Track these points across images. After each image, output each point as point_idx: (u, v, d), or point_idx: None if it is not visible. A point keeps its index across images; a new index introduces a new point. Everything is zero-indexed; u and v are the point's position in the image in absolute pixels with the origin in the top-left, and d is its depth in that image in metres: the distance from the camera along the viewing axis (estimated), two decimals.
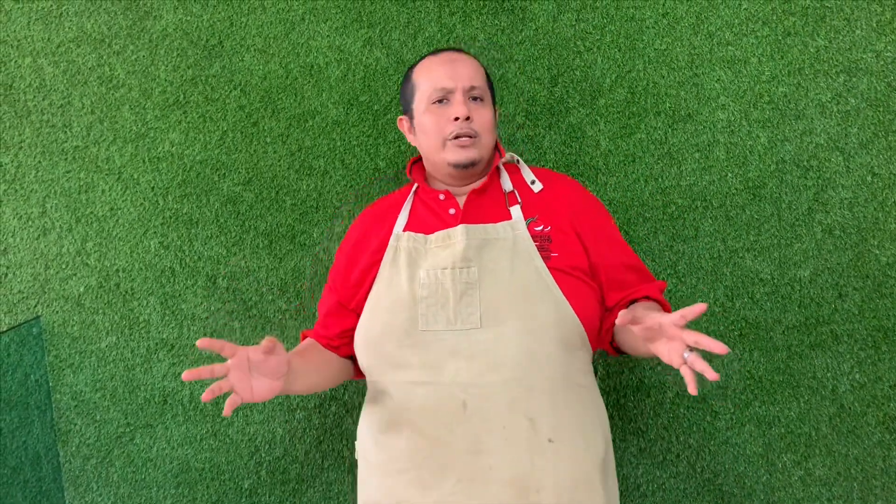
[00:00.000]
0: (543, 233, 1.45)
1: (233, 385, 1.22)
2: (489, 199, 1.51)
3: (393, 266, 1.49)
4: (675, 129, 1.83)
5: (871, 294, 1.83)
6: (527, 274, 1.41)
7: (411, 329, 1.42)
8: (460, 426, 1.38)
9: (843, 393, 1.86)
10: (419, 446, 1.40)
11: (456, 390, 1.38)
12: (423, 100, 1.50)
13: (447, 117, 1.47)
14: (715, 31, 1.80)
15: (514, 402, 1.37)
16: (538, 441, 1.37)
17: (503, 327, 1.39)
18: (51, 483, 2.04)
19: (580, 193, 1.56)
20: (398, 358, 1.43)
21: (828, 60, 1.78)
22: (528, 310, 1.39)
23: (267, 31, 1.88)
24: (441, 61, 1.51)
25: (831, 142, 1.80)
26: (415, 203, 1.56)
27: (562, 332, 1.40)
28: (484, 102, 1.50)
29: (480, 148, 1.48)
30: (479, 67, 1.53)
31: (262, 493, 2.04)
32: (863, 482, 1.89)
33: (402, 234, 1.50)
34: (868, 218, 1.81)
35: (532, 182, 1.53)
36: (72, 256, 1.98)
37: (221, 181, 1.93)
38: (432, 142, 1.50)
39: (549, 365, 1.40)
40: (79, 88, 1.92)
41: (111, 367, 2.01)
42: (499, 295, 1.40)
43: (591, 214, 1.52)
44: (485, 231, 1.45)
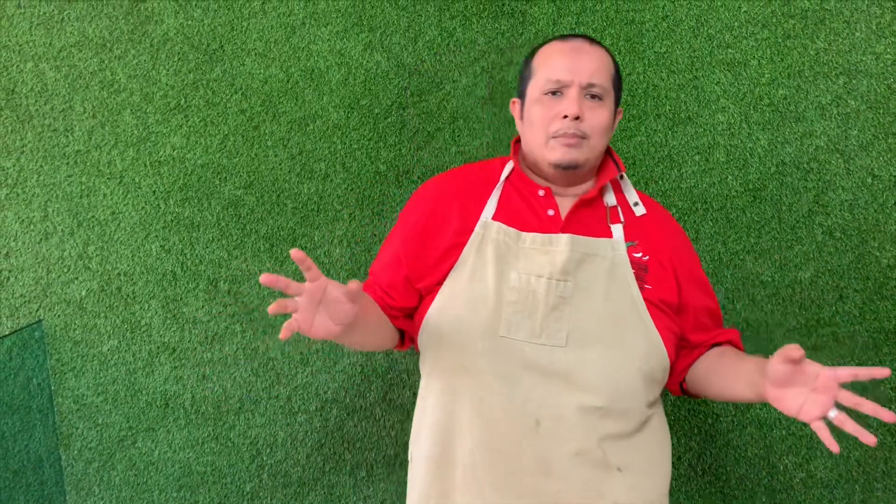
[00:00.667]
0: (642, 261, 1.37)
1: (298, 308, 1.11)
2: (592, 210, 1.41)
3: (478, 257, 1.37)
4: (675, 131, 1.84)
5: (871, 296, 1.84)
6: (621, 300, 1.34)
7: (490, 332, 1.33)
8: (530, 444, 1.31)
9: None
10: (482, 458, 1.33)
11: (529, 406, 1.31)
12: (537, 88, 1.38)
13: (556, 112, 1.35)
14: (715, 33, 1.80)
15: (589, 429, 1.30)
16: (608, 469, 1.31)
17: (588, 351, 1.31)
18: (53, 487, 2.05)
19: (681, 232, 1.49)
20: (470, 360, 1.34)
21: (827, 63, 1.79)
22: (618, 338, 1.32)
23: (268, 35, 1.88)
24: (564, 50, 1.38)
25: (831, 144, 1.80)
26: (506, 188, 1.44)
27: (649, 366, 1.34)
28: (602, 102, 1.37)
29: (587, 151, 1.37)
30: (606, 62, 1.39)
31: (263, 497, 2.04)
32: (864, 485, 1.89)
33: (492, 224, 1.39)
34: (868, 220, 1.82)
35: (635, 204, 1.44)
36: (73, 260, 1.98)
37: (223, 185, 1.94)
38: (537, 135, 1.38)
39: (629, 395, 1.33)
40: (80, 93, 1.92)
41: (113, 371, 2.02)
42: (590, 316, 1.33)
43: (690, 257, 1.46)
44: (588, 245, 1.35)
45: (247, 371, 1.99)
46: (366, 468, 1.99)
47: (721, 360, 1.38)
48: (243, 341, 1.98)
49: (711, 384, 1.38)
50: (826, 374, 1.09)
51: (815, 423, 1.08)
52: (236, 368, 1.99)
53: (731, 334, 1.44)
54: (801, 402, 1.12)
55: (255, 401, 2.00)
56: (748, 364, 1.28)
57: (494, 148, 1.88)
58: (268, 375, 1.99)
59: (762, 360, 1.22)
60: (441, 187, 1.49)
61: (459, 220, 1.41)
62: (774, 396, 1.16)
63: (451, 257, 1.39)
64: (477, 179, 1.47)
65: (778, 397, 1.15)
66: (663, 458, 1.41)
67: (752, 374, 1.24)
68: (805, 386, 1.12)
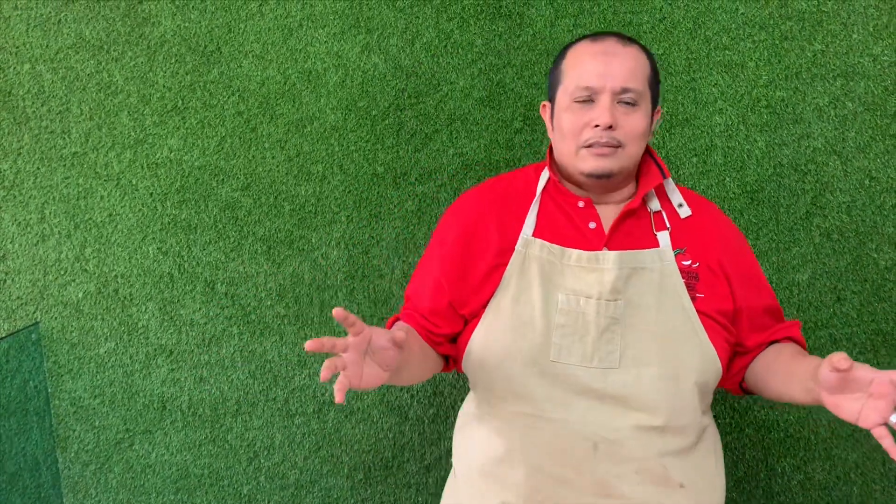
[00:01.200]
0: (691, 269, 1.32)
1: (346, 364, 1.06)
2: (636, 220, 1.34)
3: (521, 277, 1.32)
4: (672, 133, 1.84)
5: (869, 298, 1.84)
6: (673, 313, 1.29)
7: (540, 357, 1.29)
8: (589, 468, 1.28)
9: None
10: (541, 485, 1.29)
11: (586, 431, 1.28)
12: (567, 94, 1.30)
13: (587, 121, 1.28)
14: (712, 35, 1.80)
15: (649, 447, 1.28)
16: (670, 486, 1.28)
17: (643, 370, 1.27)
18: (49, 489, 2.04)
19: (730, 227, 1.42)
20: (521, 387, 1.30)
21: (825, 65, 1.79)
22: (673, 354, 1.28)
23: (265, 37, 1.88)
24: (594, 52, 1.29)
25: (829, 146, 1.80)
26: (544, 201, 1.37)
27: (703, 378, 1.30)
28: (637, 108, 1.28)
29: (622, 159, 1.29)
30: (640, 64, 1.29)
31: (260, 499, 2.04)
32: (862, 486, 1.89)
33: (533, 241, 1.33)
34: (866, 222, 1.81)
35: (679, 205, 1.37)
36: (70, 262, 1.98)
37: (220, 187, 1.93)
38: (567, 145, 1.31)
39: (685, 410, 1.30)
40: (77, 94, 1.92)
41: (110, 373, 2.01)
42: (643, 335, 1.28)
43: (742, 253, 1.38)
44: (635, 259, 1.30)
45: (244, 373, 1.99)
46: (363, 470, 1.99)
47: (778, 360, 1.31)
48: (240, 343, 1.98)
49: (769, 386, 1.32)
50: (880, 379, 1.03)
51: (876, 430, 1.02)
52: (233, 371, 1.99)
53: (790, 330, 1.37)
54: (859, 409, 1.05)
55: (252, 403, 2.00)
56: (804, 367, 1.20)
57: (491, 150, 1.88)
58: (265, 378, 1.99)
59: (818, 361, 1.15)
60: (477, 204, 1.42)
61: (499, 238, 1.35)
62: (831, 404, 1.09)
63: (493, 279, 1.34)
64: (513, 192, 1.41)
65: (835, 404, 1.09)
66: (719, 469, 1.38)
67: (806, 379, 1.17)
68: (861, 391, 1.06)
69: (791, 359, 1.28)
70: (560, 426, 1.29)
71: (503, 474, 1.32)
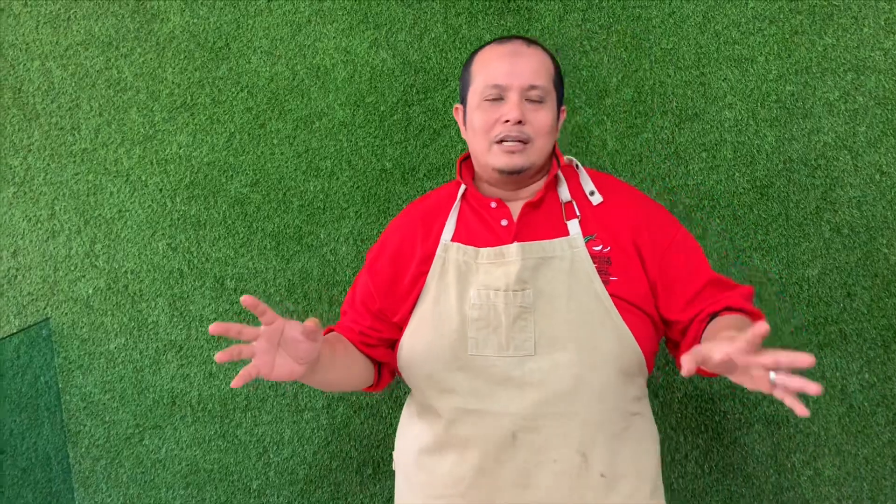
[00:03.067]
0: (602, 253, 1.33)
1: (255, 353, 1.10)
2: (545, 211, 1.38)
3: (441, 281, 1.37)
4: (681, 128, 1.83)
5: (880, 293, 1.83)
6: (585, 299, 1.31)
7: (459, 352, 1.33)
8: (508, 458, 1.31)
9: (853, 392, 1.86)
10: (463, 474, 1.34)
11: (505, 420, 1.31)
12: (476, 94, 1.36)
13: (497, 117, 1.33)
14: (722, 29, 1.79)
15: (567, 436, 1.30)
16: (589, 476, 1.30)
17: (559, 356, 1.30)
18: (61, 484, 2.05)
19: (643, 205, 1.42)
20: (444, 382, 1.35)
21: (835, 59, 1.78)
22: (587, 338, 1.30)
23: (273, 33, 1.88)
24: (501, 54, 1.35)
25: (839, 140, 1.79)
26: (463, 208, 1.43)
27: (622, 363, 1.31)
28: (544, 104, 1.34)
29: (532, 154, 1.34)
30: (545, 63, 1.36)
31: (270, 494, 2.04)
32: (873, 482, 1.88)
33: (451, 245, 1.38)
34: (877, 217, 1.81)
35: (591, 193, 1.40)
36: (80, 258, 1.99)
37: (229, 183, 1.94)
38: (480, 142, 1.36)
39: (605, 396, 1.31)
40: (87, 91, 1.93)
41: (120, 369, 2.02)
42: (555, 321, 1.30)
43: (655, 226, 1.38)
44: (541, 249, 1.33)
45: None
46: (372, 465, 2.00)
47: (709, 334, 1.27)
48: None
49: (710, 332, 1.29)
50: (734, 354, 1.00)
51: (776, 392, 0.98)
52: (243, 366, 1.98)
53: (728, 298, 1.32)
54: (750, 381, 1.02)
55: (261, 398, 2.00)
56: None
57: None
58: None
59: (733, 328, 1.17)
60: (401, 222, 1.49)
61: (422, 248, 1.41)
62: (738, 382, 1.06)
63: (418, 286, 1.40)
64: (436, 204, 1.46)
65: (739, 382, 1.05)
66: (649, 460, 1.39)
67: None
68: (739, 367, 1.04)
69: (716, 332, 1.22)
70: (481, 417, 1.32)
71: (431, 467, 1.38)
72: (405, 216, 1.50)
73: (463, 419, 1.34)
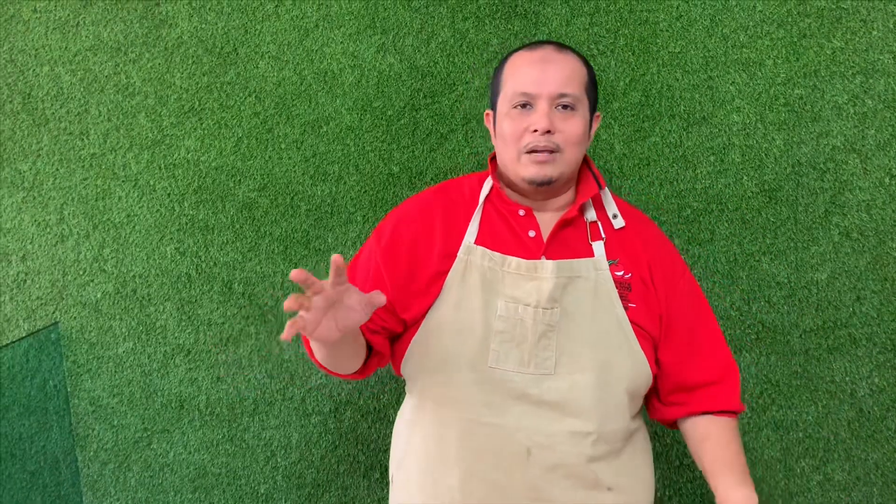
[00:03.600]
0: (624, 279, 1.35)
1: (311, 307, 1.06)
2: (573, 229, 1.37)
3: (463, 285, 1.34)
4: (689, 132, 1.83)
5: (889, 297, 1.82)
6: (607, 322, 1.32)
7: (478, 363, 1.31)
8: (521, 473, 1.31)
9: (862, 397, 1.85)
10: (473, 489, 1.32)
11: (520, 436, 1.31)
12: (506, 101, 1.34)
13: (526, 126, 1.31)
14: (729, 33, 1.79)
15: (579, 452, 1.31)
16: (599, 490, 1.33)
17: (577, 377, 1.31)
18: (69, 488, 2.06)
19: (662, 240, 1.45)
20: (459, 392, 1.33)
21: (844, 62, 1.77)
22: (606, 360, 1.31)
23: (281, 38, 1.89)
24: (532, 60, 1.33)
25: (848, 144, 1.79)
26: (487, 209, 1.40)
27: (634, 385, 1.35)
28: (575, 112, 1.32)
29: (561, 164, 1.32)
30: (576, 69, 1.34)
31: (277, 498, 2.04)
32: (883, 487, 1.87)
33: (475, 248, 1.35)
34: (886, 220, 1.80)
35: (614, 216, 1.40)
36: (89, 263, 1.99)
37: (237, 187, 1.94)
38: (509, 151, 1.34)
39: (617, 416, 1.34)
40: (95, 96, 1.94)
41: (128, 373, 2.03)
42: (577, 342, 1.31)
43: (670, 264, 1.41)
44: (571, 268, 1.33)
45: (261, 373, 2.00)
46: (380, 470, 1.99)
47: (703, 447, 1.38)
48: (258, 343, 1.99)
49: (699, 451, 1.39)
50: None
51: None
52: (251, 370, 2.00)
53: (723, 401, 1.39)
54: None
55: (269, 402, 2.01)
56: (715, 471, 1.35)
57: None
58: (282, 377, 2.00)
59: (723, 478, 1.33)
60: (423, 210, 1.43)
61: (442, 244, 1.37)
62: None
63: (436, 285, 1.36)
64: (457, 199, 1.43)
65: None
66: (647, 470, 1.43)
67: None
68: None
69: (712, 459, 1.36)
70: (495, 431, 1.31)
71: (438, 479, 1.35)
72: (426, 205, 1.44)
73: (476, 431, 1.33)
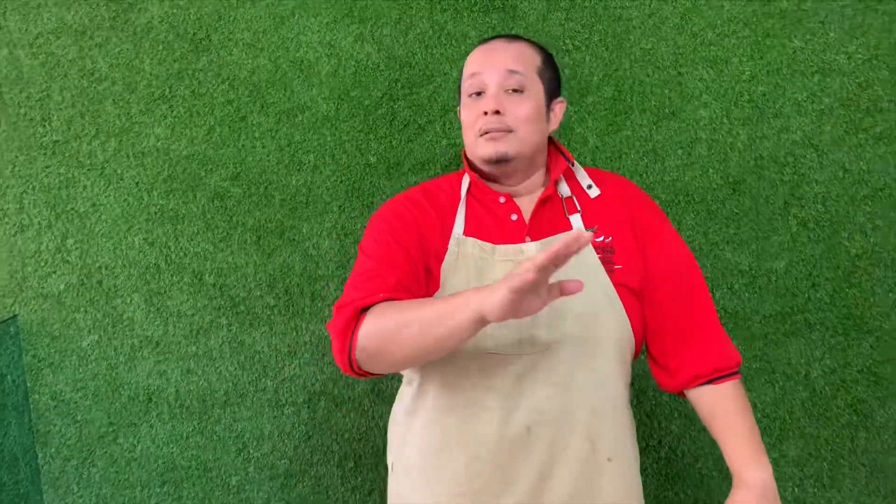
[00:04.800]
0: (605, 244, 1.39)
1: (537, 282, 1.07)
2: (552, 207, 1.42)
3: (456, 275, 1.38)
4: (659, 126, 1.89)
5: (841, 284, 1.93)
6: (594, 291, 1.35)
7: (478, 350, 1.34)
8: (523, 452, 1.35)
9: (815, 378, 1.96)
10: (480, 472, 1.35)
11: (519, 415, 1.34)
12: (464, 92, 1.41)
13: (478, 111, 1.37)
14: (699, 31, 1.86)
15: (578, 426, 1.35)
16: (597, 461, 1.36)
17: (570, 349, 1.34)
18: (29, 486, 2.00)
19: (640, 196, 1.48)
20: (460, 379, 1.37)
21: (804, 61, 1.86)
22: (594, 329, 1.36)
23: (256, 25, 1.86)
24: (482, 50, 1.41)
25: (806, 139, 1.88)
26: (469, 202, 1.44)
27: (621, 351, 1.39)
28: (524, 94, 1.37)
29: (515, 142, 1.36)
30: (526, 53, 1.39)
31: (249, 490, 2.03)
32: (832, 461, 1.99)
33: (465, 240, 1.39)
34: (839, 212, 1.90)
35: (588, 187, 1.44)
36: (51, 253, 1.93)
37: (208, 176, 1.91)
38: (468, 136, 1.41)
39: (610, 385, 1.38)
40: (58, 81, 1.87)
41: (93, 366, 1.98)
42: (567, 315, 1.34)
43: (649, 216, 1.44)
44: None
45: (233, 364, 1.98)
46: (353, 459, 2.00)
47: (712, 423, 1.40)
48: (229, 334, 1.97)
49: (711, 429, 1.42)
50: None
51: None
52: (222, 362, 1.98)
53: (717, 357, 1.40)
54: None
55: (241, 394, 1.99)
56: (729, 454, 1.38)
57: None
58: (254, 368, 1.98)
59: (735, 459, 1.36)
60: (416, 206, 1.44)
61: (435, 237, 1.40)
62: None
63: (432, 278, 1.39)
64: (440, 195, 1.46)
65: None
66: (635, 439, 1.48)
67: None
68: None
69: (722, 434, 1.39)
70: (495, 414, 1.35)
71: (443, 465, 1.38)
72: (416, 201, 1.45)
73: (477, 416, 1.36)
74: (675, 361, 1.42)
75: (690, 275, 1.44)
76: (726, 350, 1.41)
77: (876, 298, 1.93)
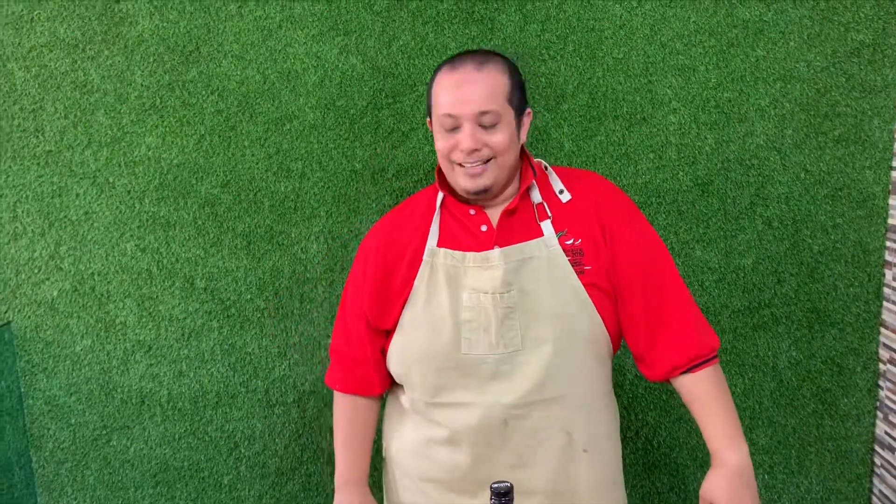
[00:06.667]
0: (575, 246, 1.44)
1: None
2: (520, 215, 1.47)
3: (430, 284, 1.47)
4: (631, 131, 1.98)
5: (805, 279, 2.03)
6: (564, 292, 1.43)
7: (453, 352, 1.44)
8: (502, 444, 1.45)
9: (782, 369, 2.06)
10: (460, 462, 1.48)
11: (496, 411, 1.44)
12: (436, 120, 1.43)
13: (454, 144, 1.40)
14: (667, 41, 1.95)
15: (553, 418, 1.45)
16: (573, 452, 1.47)
17: (544, 347, 1.42)
18: (23, 489, 2.03)
19: (613, 195, 1.52)
20: (439, 380, 1.47)
21: (766, 69, 1.96)
22: (567, 329, 1.43)
23: (244, 37, 1.92)
24: (452, 84, 1.39)
25: (769, 142, 1.98)
26: (443, 215, 1.51)
27: (596, 348, 1.47)
28: (497, 127, 1.39)
29: (494, 171, 1.41)
30: (497, 84, 1.39)
31: (241, 489, 2.09)
32: (799, 449, 2.09)
33: (438, 250, 1.48)
34: (802, 211, 2.01)
35: (560, 192, 1.49)
36: (45, 261, 1.97)
37: (199, 184, 1.97)
38: (444, 163, 1.45)
39: (585, 380, 1.47)
40: (51, 93, 1.92)
41: (86, 371, 2.02)
42: (538, 316, 1.43)
43: (616, 213, 1.48)
44: (520, 251, 1.44)
45: (224, 366, 2.03)
46: None
47: (692, 408, 1.48)
48: (220, 337, 2.02)
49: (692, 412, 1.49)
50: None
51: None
52: (213, 364, 2.03)
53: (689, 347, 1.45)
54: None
55: (232, 395, 2.04)
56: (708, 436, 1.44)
57: None
58: (245, 370, 2.04)
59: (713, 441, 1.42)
60: (380, 237, 1.56)
61: (409, 253, 1.50)
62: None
63: (406, 290, 1.50)
64: (417, 212, 1.54)
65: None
66: (616, 431, 1.58)
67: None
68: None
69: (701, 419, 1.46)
70: (475, 409, 1.45)
71: (431, 454, 1.52)
72: (382, 234, 1.57)
73: (457, 413, 1.47)
74: (652, 353, 1.48)
75: (658, 266, 1.49)
76: (701, 337, 1.46)
77: (838, 292, 2.03)
